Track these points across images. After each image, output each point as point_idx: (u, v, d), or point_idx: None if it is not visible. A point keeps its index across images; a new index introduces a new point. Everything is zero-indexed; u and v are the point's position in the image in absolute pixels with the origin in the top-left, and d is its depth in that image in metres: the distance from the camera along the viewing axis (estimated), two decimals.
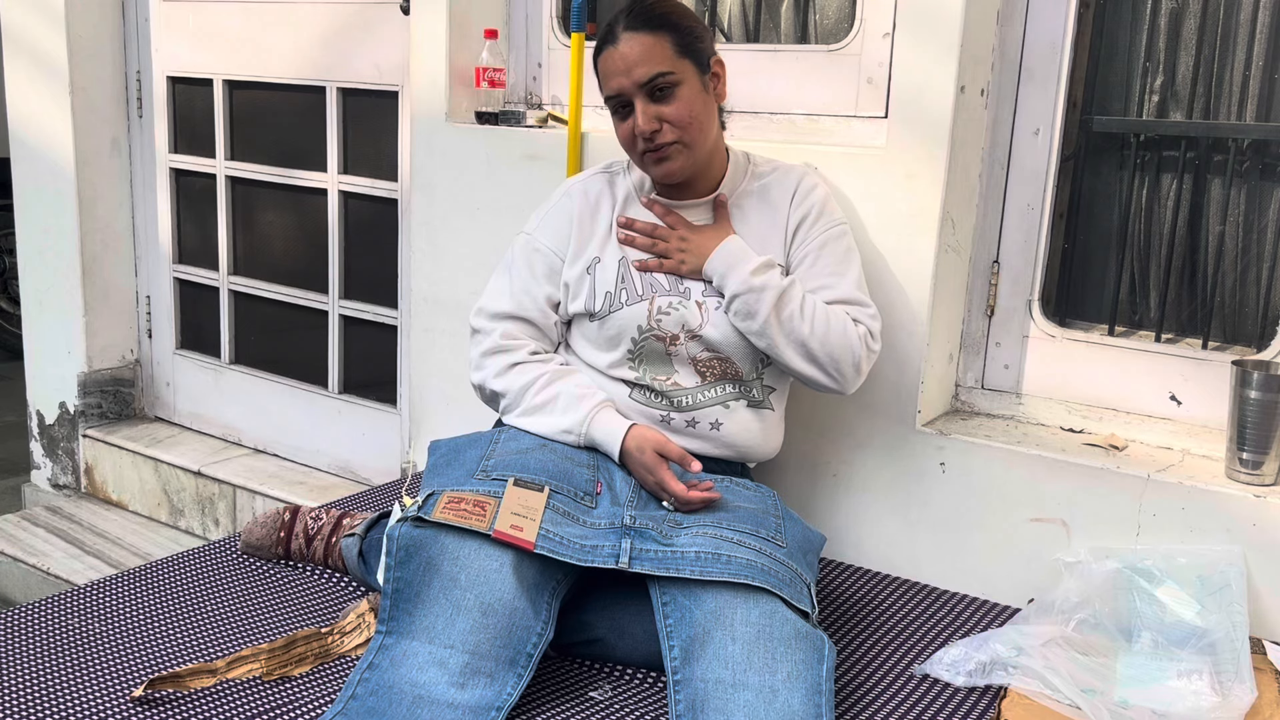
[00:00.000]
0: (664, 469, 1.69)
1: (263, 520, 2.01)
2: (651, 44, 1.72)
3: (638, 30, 1.72)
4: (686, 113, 1.73)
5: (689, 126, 1.74)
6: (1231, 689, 1.55)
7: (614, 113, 1.78)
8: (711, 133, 1.80)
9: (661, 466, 1.69)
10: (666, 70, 1.72)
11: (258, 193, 3.14)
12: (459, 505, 1.59)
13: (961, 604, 1.94)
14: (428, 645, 1.50)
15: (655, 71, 1.71)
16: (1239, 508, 1.75)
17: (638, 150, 1.77)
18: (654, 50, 1.72)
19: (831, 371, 1.77)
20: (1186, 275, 2.00)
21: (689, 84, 1.74)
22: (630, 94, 1.73)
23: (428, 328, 2.57)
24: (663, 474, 1.68)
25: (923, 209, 1.95)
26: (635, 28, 1.73)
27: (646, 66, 1.71)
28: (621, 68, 1.73)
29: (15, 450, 4.04)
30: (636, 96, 1.73)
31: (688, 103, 1.74)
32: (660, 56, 1.72)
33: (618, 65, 1.73)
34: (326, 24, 2.84)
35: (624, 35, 1.73)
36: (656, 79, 1.72)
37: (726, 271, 1.76)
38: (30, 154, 3.27)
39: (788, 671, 1.46)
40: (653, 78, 1.72)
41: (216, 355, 3.28)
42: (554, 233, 1.86)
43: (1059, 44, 1.97)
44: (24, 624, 1.70)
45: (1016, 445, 1.94)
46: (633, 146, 1.78)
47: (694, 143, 1.76)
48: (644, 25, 1.73)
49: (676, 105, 1.73)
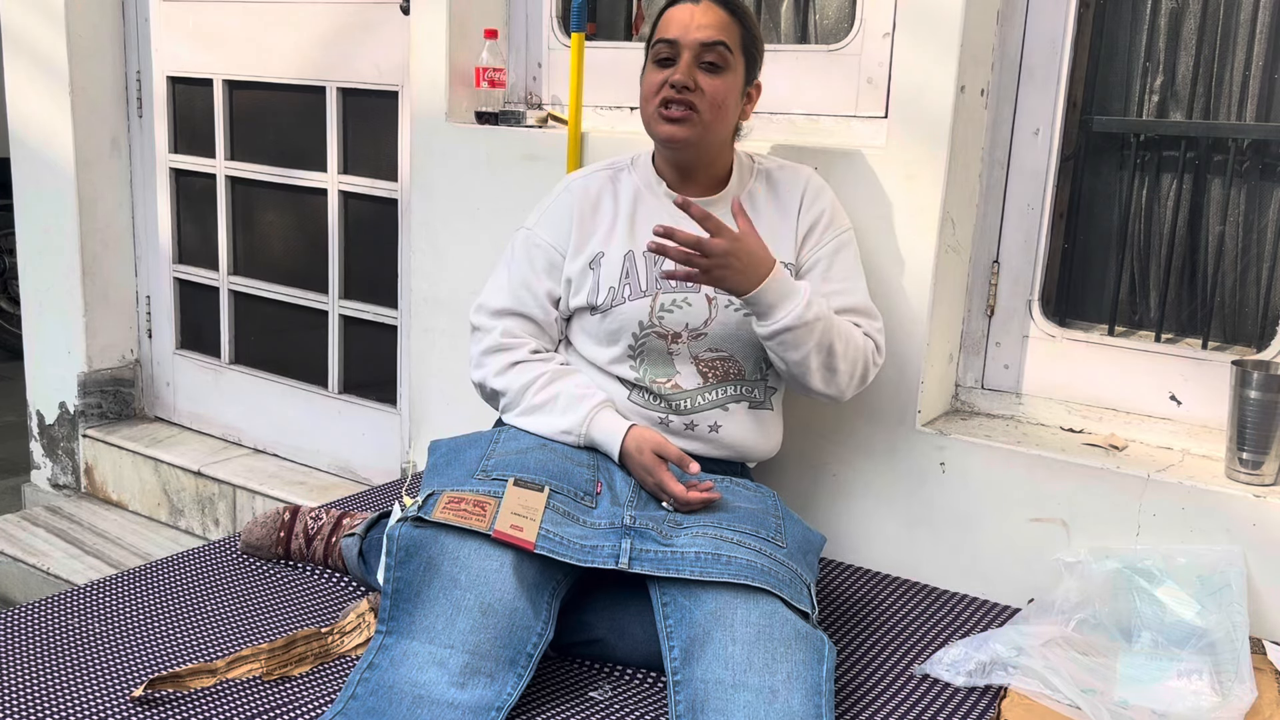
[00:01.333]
0: (663, 470, 1.69)
1: (263, 520, 2.01)
2: (727, 20, 1.76)
3: (719, 5, 1.76)
4: (721, 94, 1.75)
5: (715, 107, 1.75)
6: (1231, 689, 1.55)
7: (655, 61, 1.78)
8: (726, 130, 1.81)
9: (660, 467, 1.69)
10: (728, 45, 1.75)
11: (258, 193, 3.14)
12: (459, 505, 1.59)
13: (961, 604, 1.94)
14: (428, 645, 1.50)
15: (719, 39, 1.74)
16: (1239, 508, 1.75)
17: (656, 102, 1.77)
18: (726, 26, 1.75)
19: (843, 388, 1.79)
20: (1186, 275, 2.00)
21: (734, 75, 1.77)
22: (685, 46, 1.74)
23: (428, 328, 2.57)
24: (661, 475, 1.68)
25: (923, 209, 1.95)
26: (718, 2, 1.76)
27: (714, 31, 1.74)
28: (691, 22, 1.75)
29: (15, 450, 4.04)
30: (687, 53, 1.74)
31: (725, 87, 1.76)
32: (729, 34, 1.75)
33: (687, 18, 1.75)
34: (326, 24, 2.84)
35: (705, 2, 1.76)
36: (716, 46, 1.74)
37: (777, 303, 1.67)
38: (30, 154, 3.27)
39: (788, 672, 1.46)
40: (713, 43, 1.74)
41: (216, 355, 3.28)
42: (554, 228, 1.86)
43: (1059, 44, 1.97)
44: (24, 624, 1.69)
45: (1016, 445, 1.94)
46: (653, 97, 1.77)
47: (711, 123, 1.76)
48: (725, 5, 1.77)
49: (715, 83, 1.75)
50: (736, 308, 1.78)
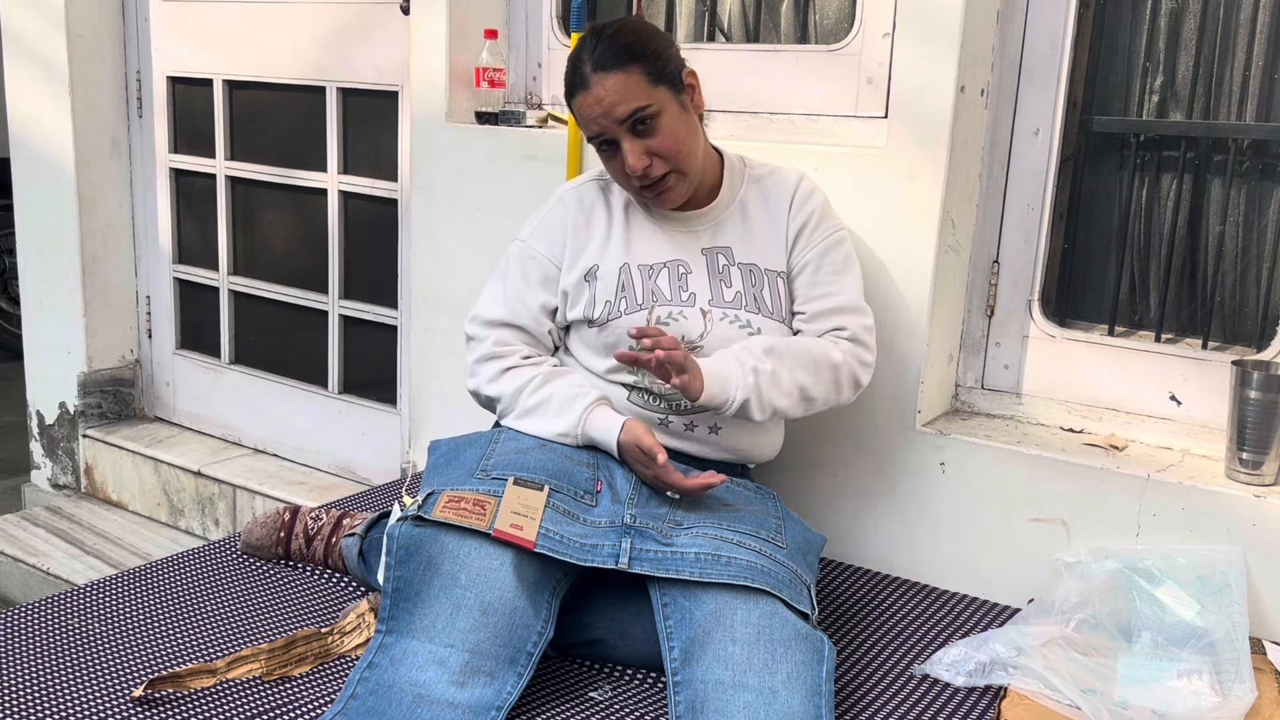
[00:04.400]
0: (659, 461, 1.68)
1: (263, 520, 2.01)
2: (623, 81, 1.68)
3: (607, 70, 1.68)
4: (673, 142, 1.71)
5: (678, 154, 1.72)
6: (1231, 689, 1.55)
7: (599, 150, 1.76)
8: (699, 150, 1.78)
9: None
10: (645, 103, 1.68)
11: (258, 193, 3.14)
12: (459, 504, 1.59)
13: (961, 604, 1.94)
14: (428, 644, 1.50)
15: (633, 108, 1.68)
16: (1239, 508, 1.75)
17: (634, 187, 1.76)
18: (627, 86, 1.68)
19: (831, 404, 1.80)
20: (1186, 275, 2.00)
21: (668, 111, 1.71)
22: (613, 134, 1.71)
23: (428, 328, 2.57)
24: (657, 466, 1.68)
25: (923, 209, 1.94)
26: (604, 67, 1.68)
27: (624, 105, 1.68)
28: (598, 111, 1.69)
29: (15, 450, 4.04)
30: (620, 135, 1.70)
31: (671, 131, 1.71)
32: (635, 91, 1.68)
33: (594, 109, 1.70)
34: (326, 24, 2.83)
35: (594, 77, 1.69)
36: (636, 114, 1.68)
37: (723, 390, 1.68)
38: (30, 154, 3.27)
39: (787, 672, 1.46)
40: (632, 114, 1.68)
41: (216, 355, 3.28)
42: (548, 240, 1.86)
43: (1059, 44, 1.97)
44: (24, 624, 1.70)
45: (1016, 445, 1.94)
46: (627, 182, 1.76)
47: (687, 168, 1.75)
48: (612, 63, 1.68)
49: (661, 136, 1.70)
50: (731, 320, 1.78)
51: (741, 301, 1.79)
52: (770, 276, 1.82)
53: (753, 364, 1.70)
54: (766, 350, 1.72)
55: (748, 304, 1.79)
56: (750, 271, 1.81)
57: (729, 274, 1.81)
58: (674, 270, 1.80)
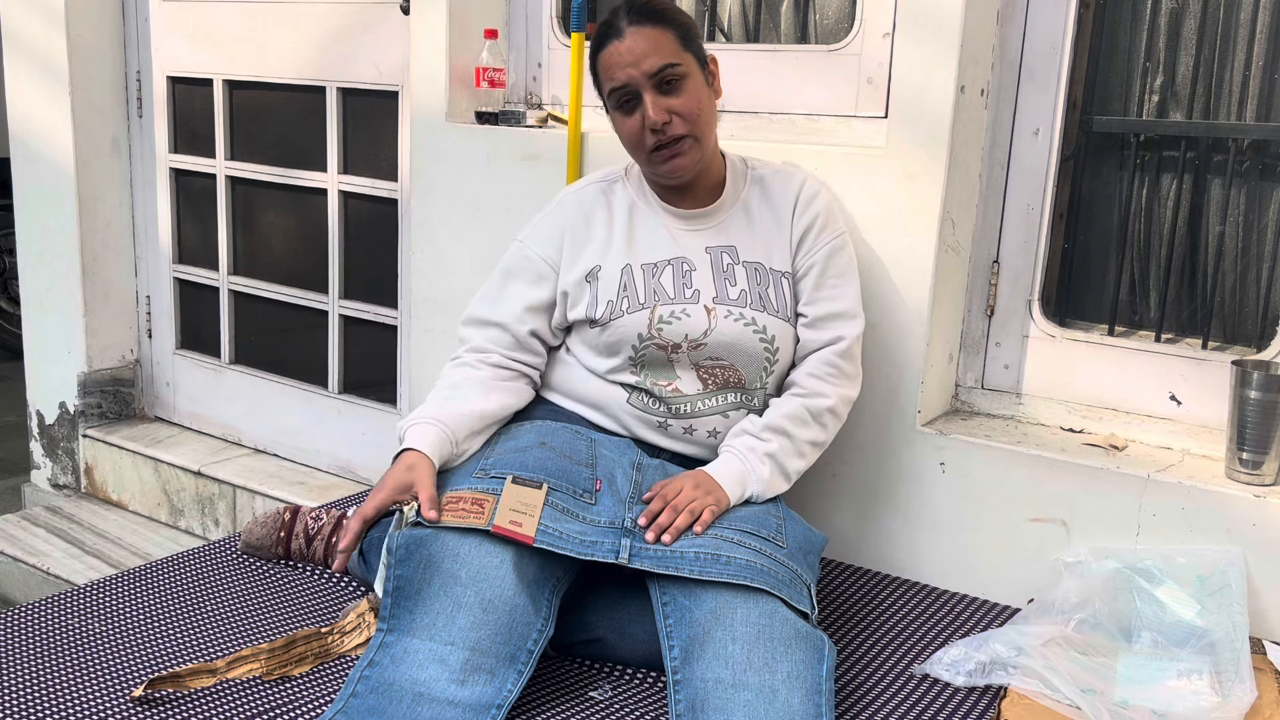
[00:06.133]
0: (388, 494, 1.63)
1: (263, 520, 2.01)
2: (658, 36, 1.72)
3: (642, 24, 1.72)
4: (695, 104, 1.74)
5: (698, 119, 1.75)
6: (1231, 689, 1.55)
7: (617, 108, 1.77)
8: (715, 128, 1.81)
9: (391, 492, 1.63)
10: (675, 61, 1.72)
11: (258, 193, 3.14)
12: (457, 504, 1.59)
13: (961, 604, 1.94)
14: (428, 642, 1.50)
15: (665, 61, 1.71)
16: (1239, 508, 1.75)
17: (647, 146, 1.76)
18: (661, 42, 1.72)
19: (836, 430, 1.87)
20: (1186, 275, 2.00)
21: (694, 77, 1.75)
22: (638, 85, 1.72)
23: (428, 328, 2.57)
24: (381, 496, 1.63)
25: (923, 209, 1.95)
26: (639, 21, 1.73)
27: (656, 57, 1.71)
28: (629, 59, 1.72)
29: (15, 450, 4.04)
30: (645, 88, 1.72)
31: (695, 95, 1.74)
32: (668, 48, 1.72)
33: (624, 57, 1.72)
34: (326, 24, 2.84)
35: (629, 29, 1.72)
36: (666, 69, 1.72)
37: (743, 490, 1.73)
38: (30, 154, 3.27)
39: (787, 671, 1.46)
40: (662, 68, 1.71)
41: (216, 355, 3.28)
42: (545, 241, 1.86)
43: (1059, 44, 1.97)
44: (24, 624, 1.70)
45: (1016, 445, 1.94)
46: (640, 143, 1.77)
47: (703, 136, 1.76)
48: (648, 19, 1.73)
49: (685, 97, 1.73)
50: (736, 318, 1.78)
51: (747, 299, 1.79)
52: (775, 276, 1.82)
53: (762, 450, 1.75)
54: (766, 426, 1.77)
55: (753, 302, 1.79)
56: (755, 270, 1.81)
57: (734, 272, 1.81)
58: (678, 268, 1.80)
